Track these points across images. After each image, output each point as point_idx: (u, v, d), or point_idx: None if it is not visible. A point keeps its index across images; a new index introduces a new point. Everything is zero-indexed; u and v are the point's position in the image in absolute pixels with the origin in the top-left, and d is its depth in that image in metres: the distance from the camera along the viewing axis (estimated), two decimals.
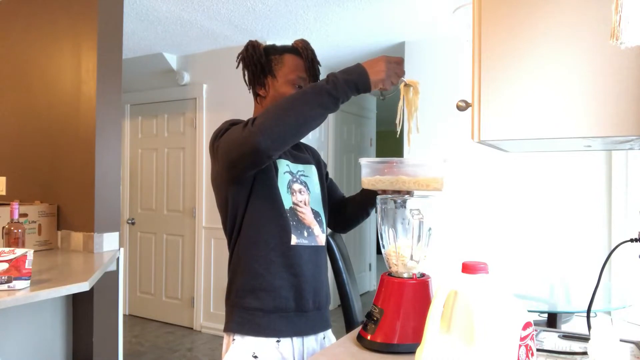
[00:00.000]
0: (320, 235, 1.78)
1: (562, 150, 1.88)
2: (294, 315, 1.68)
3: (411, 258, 1.49)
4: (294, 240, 1.68)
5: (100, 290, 3.00)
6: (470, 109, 1.25)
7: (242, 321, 1.66)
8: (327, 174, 2.01)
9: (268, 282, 1.65)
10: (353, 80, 1.47)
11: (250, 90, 1.81)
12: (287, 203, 1.70)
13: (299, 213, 1.72)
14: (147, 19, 4.34)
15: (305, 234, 1.72)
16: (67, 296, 2.97)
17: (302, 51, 1.77)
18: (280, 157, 1.72)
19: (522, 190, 4.33)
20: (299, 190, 1.74)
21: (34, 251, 2.18)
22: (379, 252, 7.15)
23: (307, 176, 1.81)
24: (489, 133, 1.21)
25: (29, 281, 2.07)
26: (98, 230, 3.10)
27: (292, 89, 1.72)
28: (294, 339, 1.68)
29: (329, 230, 2.00)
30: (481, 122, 1.21)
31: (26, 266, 2.05)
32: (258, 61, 1.73)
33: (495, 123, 1.21)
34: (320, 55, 1.92)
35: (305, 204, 1.75)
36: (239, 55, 1.78)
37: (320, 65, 1.81)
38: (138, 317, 5.95)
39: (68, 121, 3.27)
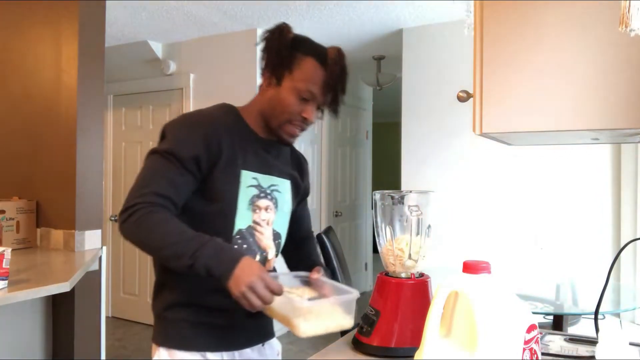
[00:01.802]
0: (272, 259, 1.66)
1: (568, 143, 1.89)
2: (226, 330, 1.60)
3: (409, 257, 1.49)
4: None
5: (82, 291, 2.99)
6: (471, 99, 1.24)
7: (167, 333, 1.58)
8: (304, 194, 1.86)
9: (199, 300, 1.56)
10: (214, 272, 1.34)
11: (261, 76, 1.63)
12: (242, 222, 1.55)
13: (257, 233, 1.59)
14: (131, 5, 4.31)
15: (258, 257, 1.59)
16: (47, 297, 2.96)
17: (330, 63, 1.56)
18: (246, 168, 1.56)
19: (526, 186, 4.33)
20: (265, 208, 1.60)
21: (12, 250, 2.17)
22: (375, 250, 7.14)
23: (279, 192, 1.66)
24: (492, 125, 1.21)
25: (6, 281, 2.06)
26: (79, 228, 3.09)
27: (295, 98, 1.54)
28: (224, 353, 1.59)
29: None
30: (483, 114, 1.21)
31: (3, 265, 2.04)
32: (279, 51, 1.54)
33: (498, 115, 1.20)
34: None
35: (268, 224, 1.62)
36: (264, 33, 1.58)
37: (344, 88, 1.60)
38: (122, 319, 5.94)
39: (48, 113, 3.24)
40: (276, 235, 1.66)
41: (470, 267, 1.04)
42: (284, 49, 1.53)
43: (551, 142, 1.91)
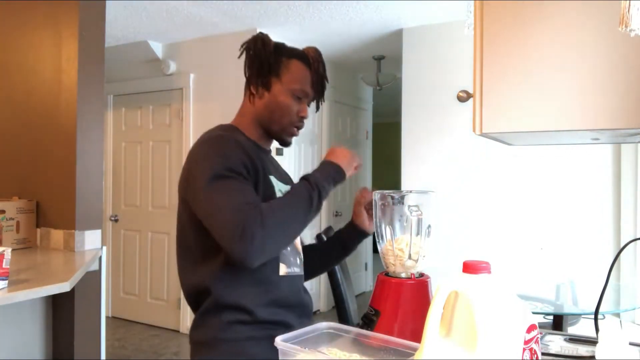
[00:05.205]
0: (303, 261, 1.74)
1: (568, 143, 1.89)
2: None
3: (409, 257, 1.49)
4: (283, 270, 1.58)
5: (82, 291, 2.99)
6: (471, 99, 1.24)
7: (230, 354, 1.50)
8: None
9: (255, 316, 1.51)
10: (333, 177, 1.54)
11: (246, 85, 1.69)
12: None
13: None
14: (131, 5, 4.31)
15: (298, 261, 1.66)
16: (47, 297, 2.96)
17: (313, 62, 1.68)
18: (269, 173, 1.63)
19: (526, 186, 4.33)
20: None
21: (12, 250, 2.17)
22: (375, 250, 7.10)
23: None
24: (492, 125, 1.21)
25: (6, 281, 2.05)
26: (79, 228, 3.08)
27: (291, 100, 1.63)
28: None
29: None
30: (483, 114, 1.21)
31: (3, 265, 2.04)
32: (266, 59, 1.62)
33: (498, 115, 1.20)
34: (313, 43, 1.88)
35: None
36: (243, 44, 1.65)
37: (327, 82, 1.73)
38: (121, 319, 5.94)
39: (48, 113, 3.24)
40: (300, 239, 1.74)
41: (470, 267, 1.04)
42: (270, 56, 1.63)
43: (551, 142, 1.91)
